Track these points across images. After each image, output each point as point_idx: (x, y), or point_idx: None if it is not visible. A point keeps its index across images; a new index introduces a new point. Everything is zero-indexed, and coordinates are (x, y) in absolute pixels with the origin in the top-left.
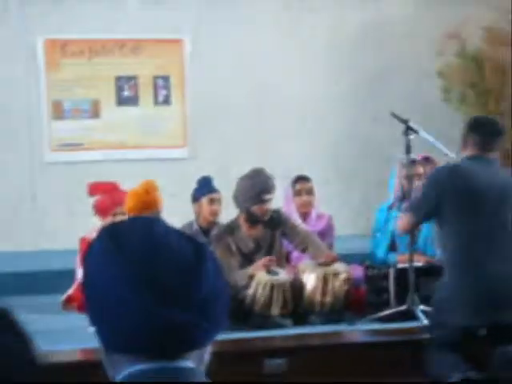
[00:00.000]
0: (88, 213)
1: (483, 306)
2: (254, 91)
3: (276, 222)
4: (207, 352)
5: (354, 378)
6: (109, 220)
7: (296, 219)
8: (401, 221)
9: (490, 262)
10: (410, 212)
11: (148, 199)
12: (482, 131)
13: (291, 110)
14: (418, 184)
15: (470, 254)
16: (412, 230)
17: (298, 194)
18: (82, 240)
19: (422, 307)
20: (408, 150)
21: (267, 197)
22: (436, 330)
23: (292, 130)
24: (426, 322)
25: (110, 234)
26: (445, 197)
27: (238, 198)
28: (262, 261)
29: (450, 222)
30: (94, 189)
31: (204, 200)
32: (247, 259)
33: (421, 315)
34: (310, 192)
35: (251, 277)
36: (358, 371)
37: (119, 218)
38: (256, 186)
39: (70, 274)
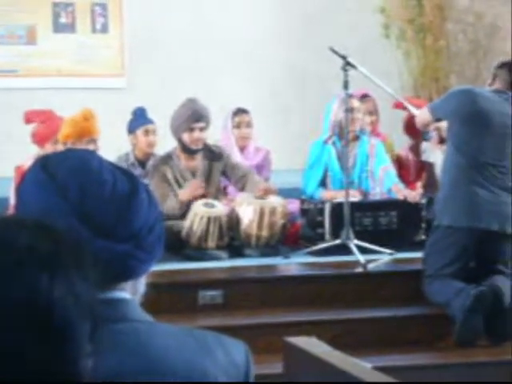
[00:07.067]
0: (24, 141)
1: (469, 213)
2: (192, 23)
3: (216, 156)
4: (142, 283)
5: (288, 310)
6: (49, 148)
7: (234, 152)
8: (420, 116)
9: (482, 188)
10: (429, 110)
11: (85, 126)
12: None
13: (230, 41)
14: (354, 118)
15: (466, 179)
16: (426, 126)
17: (237, 126)
18: (17, 169)
19: (356, 242)
20: (346, 85)
21: (197, 125)
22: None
23: (230, 62)
24: (359, 256)
25: (43, 164)
26: (457, 115)
27: (172, 127)
28: (190, 186)
29: (456, 141)
30: (31, 117)
31: (139, 131)
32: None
33: (355, 249)
34: (248, 125)
35: (185, 204)
36: (292, 304)
37: (60, 146)
38: (187, 113)
39: (3, 201)
